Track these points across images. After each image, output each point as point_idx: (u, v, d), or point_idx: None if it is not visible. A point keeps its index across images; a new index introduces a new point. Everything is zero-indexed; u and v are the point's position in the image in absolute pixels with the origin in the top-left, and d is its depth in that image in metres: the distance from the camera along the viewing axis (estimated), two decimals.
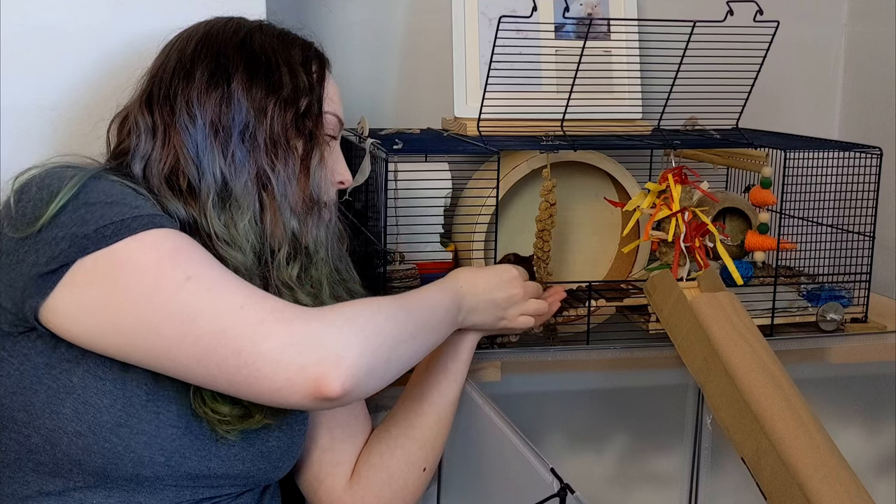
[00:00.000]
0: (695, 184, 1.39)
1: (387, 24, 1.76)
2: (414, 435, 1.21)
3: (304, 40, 1.14)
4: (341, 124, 1.16)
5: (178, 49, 1.08)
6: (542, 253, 1.48)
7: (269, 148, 1.05)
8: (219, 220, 1.02)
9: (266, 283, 1.05)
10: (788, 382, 1.17)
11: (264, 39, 1.09)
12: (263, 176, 1.04)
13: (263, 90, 1.06)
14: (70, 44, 1.26)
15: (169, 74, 1.06)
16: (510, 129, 1.54)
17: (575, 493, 0.95)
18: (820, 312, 1.48)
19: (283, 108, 1.06)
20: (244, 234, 1.03)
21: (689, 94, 1.51)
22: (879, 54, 1.87)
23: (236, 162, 1.03)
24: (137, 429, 0.96)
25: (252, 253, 1.04)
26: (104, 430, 0.95)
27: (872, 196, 1.51)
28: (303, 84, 1.09)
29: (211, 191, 1.02)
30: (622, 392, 1.50)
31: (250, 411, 1.01)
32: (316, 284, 1.09)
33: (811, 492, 1.04)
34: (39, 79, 1.26)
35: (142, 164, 1.03)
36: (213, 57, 1.06)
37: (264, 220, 1.05)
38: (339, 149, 1.16)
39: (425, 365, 1.25)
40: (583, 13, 1.68)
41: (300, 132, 1.07)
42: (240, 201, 1.03)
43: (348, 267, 1.19)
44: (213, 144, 1.03)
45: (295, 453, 1.13)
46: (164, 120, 1.04)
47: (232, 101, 1.04)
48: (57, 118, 1.27)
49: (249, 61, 1.07)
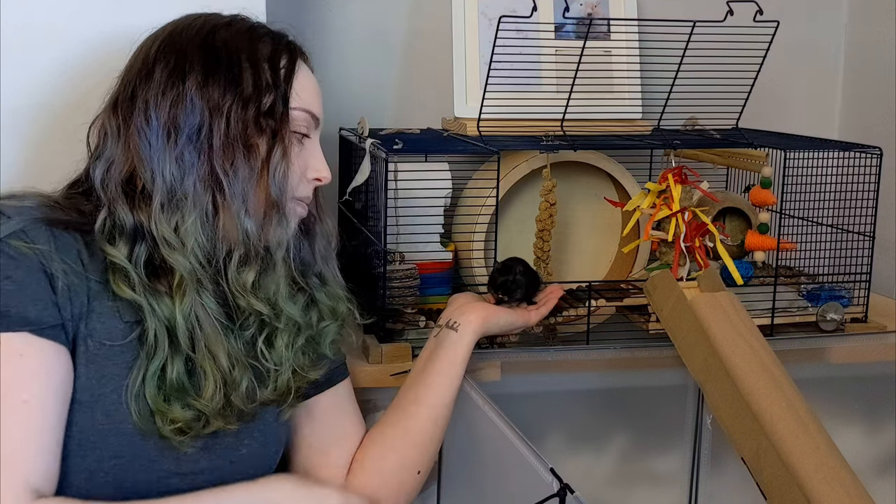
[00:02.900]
0: (695, 184, 1.39)
1: (387, 24, 1.76)
2: (409, 438, 1.20)
3: (275, 33, 1.10)
4: (316, 119, 1.12)
5: (144, 49, 1.07)
6: (542, 253, 1.48)
7: (225, 148, 1.02)
8: (167, 224, 1.00)
9: (217, 287, 1.04)
10: (788, 382, 1.17)
11: (230, 35, 1.06)
12: (216, 177, 1.02)
13: (221, 88, 1.02)
14: (69, 41, 1.26)
15: (133, 76, 1.05)
16: (510, 129, 1.54)
17: (575, 493, 0.95)
18: (820, 312, 1.48)
19: (243, 106, 1.03)
20: (192, 235, 1.01)
21: (689, 94, 1.51)
22: (879, 54, 1.87)
23: (185, 163, 1.01)
24: (77, 467, 0.96)
25: (200, 255, 1.01)
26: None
27: (872, 196, 1.51)
28: (266, 80, 1.05)
29: (160, 192, 1.00)
30: (622, 392, 1.49)
31: (204, 416, 1.01)
32: (273, 290, 1.07)
33: (811, 492, 1.04)
34: (37, 77, 1.26)
35: (104, 167, 1.02)
36: (172, 56, 1.04)
37: (216, 222, 1.02)
38: (316, 144, 1.12)
39: (422, 366, 1.24)
40: (583, 13, 1.68)
41: (262, 130, 1.04)
42: (188, 201, 1.01)
43: (335, 272, 1.17)
44: (165, 146, 1.01)
45: (269, 458, 1.11)
46: (126, 122, 1.03)
47: (185, 100, 1.01)
48: (53, 117, 1.27)
49: (208, 59, 1.04)
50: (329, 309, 1.15)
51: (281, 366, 1.08)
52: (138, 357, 0.99)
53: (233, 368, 1.03)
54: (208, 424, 1.02)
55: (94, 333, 0.98)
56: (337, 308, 1.16)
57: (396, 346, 1.35)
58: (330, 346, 1.16)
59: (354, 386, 1.29)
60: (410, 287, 1.39)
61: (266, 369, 1.08)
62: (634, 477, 1.55)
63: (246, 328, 1.07)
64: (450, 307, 1.30)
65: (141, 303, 0.99)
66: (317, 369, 1.14)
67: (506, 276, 1.31)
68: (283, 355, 1.09)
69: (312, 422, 1.19)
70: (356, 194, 1.53)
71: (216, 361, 1.02)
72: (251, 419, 1.06)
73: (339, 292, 1.17)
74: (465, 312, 1.26)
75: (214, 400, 1.01)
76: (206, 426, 1.02)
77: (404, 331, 1.38)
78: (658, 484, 1.54)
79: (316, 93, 1.12)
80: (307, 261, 1.14)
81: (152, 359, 0.99)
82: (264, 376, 1.08)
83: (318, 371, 1.14)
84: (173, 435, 0.99)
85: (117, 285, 0.99)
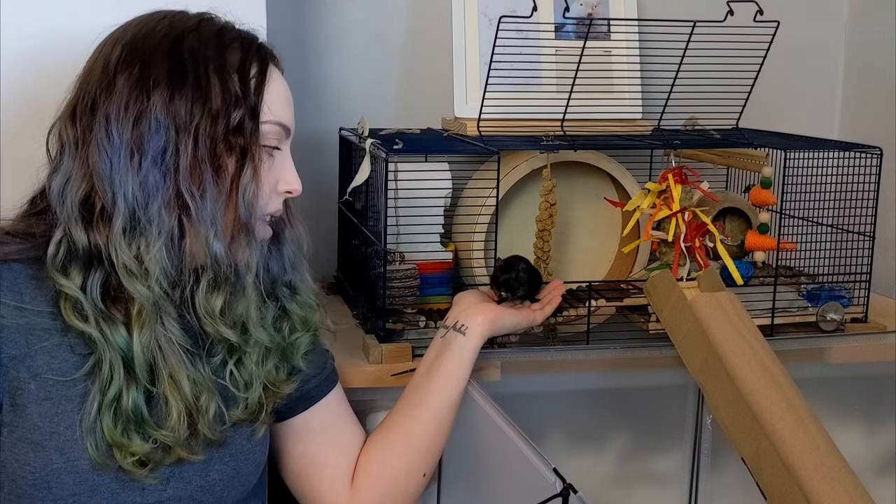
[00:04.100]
0: (695, 184, 1.39)
1: (387, 24, 1.76)
2: (413, 443, 1.19)
3: (244, 37, 1.03)
4: (288, 130, 1.06)
5: (104, 54, 0.99)
6: (542, 253, 1.48)
7: (192, 169, 0.96)
8: (128, 249, 0.95)
9: (180, 314, 0.99)
10: (788, 382, 1.17)
11: (197, 42, 0.99)
12: (182, 200, 0.96)
13: (188, 104, 0.96)
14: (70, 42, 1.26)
15: (94, 84, 0.98)
16: (510, 129, 1.54)
17: (578, 493, 0.95)
18: (820, 312, 1.48)
19: (211, 123, 0.96)
20: (156, 261, 0.95)
21: (689, 94, 1.51)
22: (879, 54, 1.87)
23: (149, 185, 0.95)
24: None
25: (165, 283, 0.96)
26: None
27: (872, 196, 1.51)
28: (235, 94, 0.98)
29: (122, 216, 0.94)
30: (622, 392, 1.49)
31: (167, 446, 0.97)
32: (242, 315, 1.02)
33: (811, 492, 1.04)
34: (38, 77, 1.26)
35: (61, 182, 0.96)
36: (136, 66, 0.97)
37: (182, 245, 0.96)
38: (287, 155, 1.06)
39: (426, 369, 1.23)
40: (583, 13, 1.68)
41: (231, 149, 0.98)
42: (152, 227, 0.95)
43: (304, 278, 1.13)
44: (128, 167, 0.94)
45: (244, 479, 1.07)
46: (85, 135, 0.96)
47: (150, 118, 0.95)
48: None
49: (175, 71, 0.97)
50: (300, 319, 1.12)
51: (252, 384, 1.05)
52: (93, 388, 0.95)
53: (199, 396, 0.99)
54: (170, 455, 0.98)
55: (42, 371, 0.95)
56: (308, 318, 1.13)
57: (396, 346, 1.35)
58: (302, 359, 1.12)
59: (355, 386, 1.29)
60: (410, 287, 1.38)
61: (236, 388, 1.04)
62: (634, 477, 1.55)
63: (214, 354, 1.03)
64: (456, 308, 1.29)
65: (93, 334, 0.95)
66: (290, 383, 1.10)
67: (508, 273, 1.31)
68: (254, 373, 1.05)
69: (309, 434, 1.17)
70: (356, 194, 1.53)
71: (180, 391, 0.98)
72: (220, 445, 1.03)
73: (310, 300, 1.13)
74: (472, 315, 1.25)
75: (178, 430, 0.98)
76: (167, 457, 0.98)
77: (404, 331, 1.38)
78: (658, 484, 1.54)
79: (287, 102, 1.06)
80: (276, 272, 1.09)
81: (107, 390, 0.95)
82: (234, 396, 1.04)
83: (291, 385, 1.10)
84: (134, 468, 0.96)
85: (68, 316, 0.95)
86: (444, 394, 1.20)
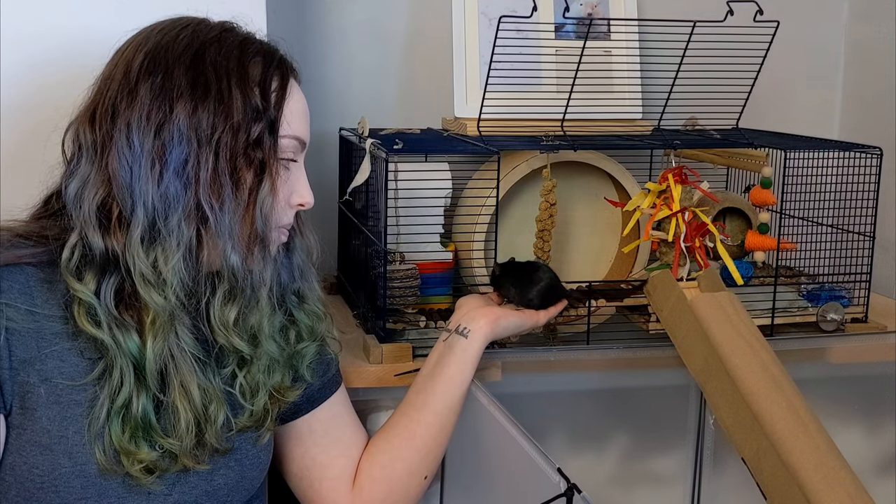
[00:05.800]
0: (695, 184, 1.39)
1: (387, 24, 1.76)
2: (415, 445, 1.19)
3: (266, 50, 1.03)
4: (304, 144, 1.06)
5: (126, 60, 0.99)
6: (542, 253, 1.48)
7: (213, 181, 0.96)
8: (145, 258, 0.95)
9: (195, 323, 1.00)
10: (788, 382, 1.17)
11: (219, 55, 0.99)
12: (202, 212, 0.96)
13: (210, 117, 0.96)
14: (73, 43, 1.26)
15: (115, 89, 0.98)
16: (510, 129, 1.54)
17: (582, 493, 0.95)
18: (820, 312, 1.48)
19: (232, 137, 0.97)
20: (174, 272, 0.95)
21: (689, 94, 1.51)
22: (879, 54, 1.88)
23: (170, 196, 0.95)
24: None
25: (181, 292, 0.96)
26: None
27: (872, 196, 1.51)
28: (256, 108, 0.98)
29: (140, 225, 0.94)
30: (623, 392, 1.50)
31: (174, 454, 0.98)
32: (254, 327, 1.03)
33: (811, 492, 1.05)
34: (42, 78, 1.26)
35: (78, 185, 0.96)
36: (159, 75, 0.97)
37: (200, 256, 0.97)
38: (301, 169, 1.07)
39: (429, 371, 1.23)
40: (583, 13, 1.68)
41: (250, 162, 0.98)
42: (171, 238, 0.95)
43: (313, 287, 1.14)
44: (149, 177, 0.95)
45: (247, 486, 1.08)
46: (104, 141, 0.96)
47: (172, 129, 0.95)
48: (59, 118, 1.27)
49: (197, 84, 0.97)
50: (307, 328, 1.12)
51: (258, 393, 1.05)
52: (102, 394, 0.95)
53: (208, 406, 1.00)
54: (176, 463, 0.98)
55: (52, 376, 0.95)
56: (315, 327, 1.13)
57: (397, 346, 1.35)
58: (307, 369, 1.13)
59: (355, 386, 1.30)
60: (411, 287, 1.39)
61: (243, 396, 1.05)
62: (636, 477, 1.55)
63: (224, 364, 1.03)
64: (458, 311, 1.29)
65: (105, 340, 0.95)
66: (295, 390, 1.11)
67: (531, 285, 1.31)
68: (261, 381, 1.05)
69: (312, 436, 1.18)
70: (356, 194, 1.53)
71: (190, 400, 0.98)
72: (222, 453, 1.03)
73: (318, 309, 1.14)
74: (474, 318, 1.25)
75: (185, 439, 0.98)
76: (174, 465, 0.98)
77: (405, 331, 1.38)
78: (660, 484, 1.54)
79: (305, 116, 1.07)
80: (285, 279, 1.10)
81: (116, 396, 0.95)
82: (240, 404, 1.05)
83: (296, 392, 1.11)
84: (141, 475, 0.96)
85: (81, 321, 0.95)
86: (446, 396, 1.20)
